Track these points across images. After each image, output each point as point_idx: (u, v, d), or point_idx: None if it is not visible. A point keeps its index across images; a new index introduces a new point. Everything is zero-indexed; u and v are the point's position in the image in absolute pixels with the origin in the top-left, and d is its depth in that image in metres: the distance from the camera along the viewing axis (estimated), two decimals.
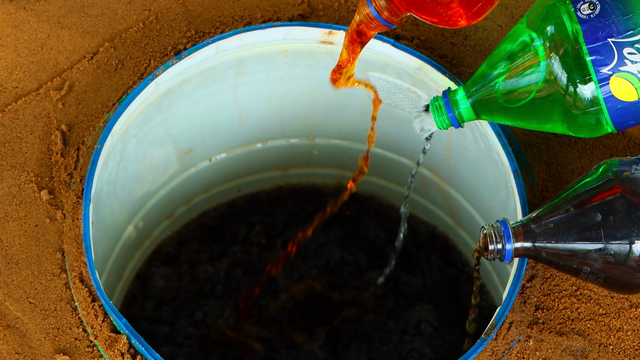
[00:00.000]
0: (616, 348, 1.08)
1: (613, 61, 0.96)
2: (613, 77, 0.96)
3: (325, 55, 1.26)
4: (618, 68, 0.96)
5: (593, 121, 0.98)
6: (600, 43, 0.96)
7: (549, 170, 1.16)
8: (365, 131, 1.40)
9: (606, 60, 0.96)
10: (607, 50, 0.96)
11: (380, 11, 1.02)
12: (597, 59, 0.96)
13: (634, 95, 0.97)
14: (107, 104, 1.19)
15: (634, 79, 0.96)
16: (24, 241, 1.12)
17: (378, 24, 1.03)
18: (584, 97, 0.97)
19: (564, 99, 0.98)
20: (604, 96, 0.97)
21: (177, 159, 1.40)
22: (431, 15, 0.99)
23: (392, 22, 1.02)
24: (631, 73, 0.96)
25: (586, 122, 0.99)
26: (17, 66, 1.21)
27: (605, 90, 0.97)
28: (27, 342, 1.08)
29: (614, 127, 0.99)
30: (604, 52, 0.96)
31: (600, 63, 0.96)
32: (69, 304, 1.10)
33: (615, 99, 0.97)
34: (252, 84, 1.32)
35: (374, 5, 1.02)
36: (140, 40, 1.23)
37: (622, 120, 0.98)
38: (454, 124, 1.06)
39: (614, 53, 0.96)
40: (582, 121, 0.99)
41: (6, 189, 1.15)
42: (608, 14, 0.96)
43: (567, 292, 1.10)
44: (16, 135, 1.17)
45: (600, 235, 0.98)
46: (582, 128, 0.99)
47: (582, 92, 0.97)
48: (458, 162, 1.37)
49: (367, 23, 1.03)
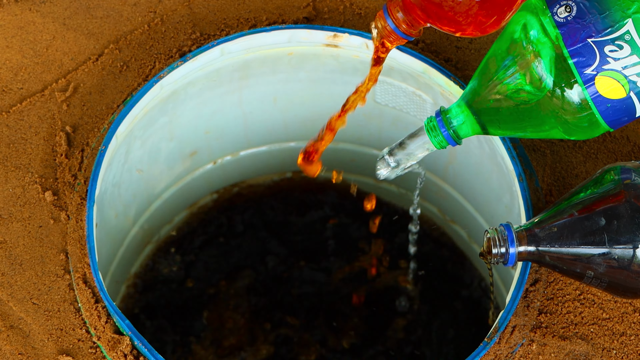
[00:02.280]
0: (619, 352, 1.07)
1: (595, 61, 0.96)
2: (598, 76, 0.96)
3: (330, 58, 1.26)
4: (602, 67, 0.96)
5: (585, 123, 0.98)
6: (581, 44, 0.96)
7: (553, 174, 1.16)
8: (370, 134, 1.40)
9: (589, 61, 0.96)
10: (589, 50, 0.96)
11: (398, 24, 1.01)
12: (579, 61, 0.96)
13: (622, 92, 0.96)
14: (112, 105, 1.20)
15: (619, 76, 0.96)
16: (27, 242, 1.12)
17: (396, 37, 1.02)
18: (572, 100, 0.97)
19: (553, 104, 0.98)
20: (592, 97, 0.96)
21: (181, 161, 1.40)
22: (450, 25, 0.98)
23: (411, 35, 1.02)
24: (615, 70, 0.96)
25: (579, 124, 0.98)
26: (22, 67, 1.21)
27: (592, 90, 0.96)
28: (30, 343, 1.08)
29: (607, 126, 0.99)
30: (586, 53, 0.96)
31: (583, 64, 0.96)
32: (72, 305, 1.10)
33: (604, 98, 0.96)
34: (257, 86, 1.32)
35: (391, 19, 1.01)
36: (146, 42, 1.23)
37: (615, 118, 0.98)
38: (450, 142, 1.05)
39: (596, 53, 0.96)
40: (575, 123, 0.98)
41: (10, 189, 1.15)
42: (585, 15, 0.96)
43: (570, 296, 1.10)
44: (21, 136, 1.17)
45: (604, 239, 0.98)
46: (577, 130, 0.99)
47: (570, 95, 0.97)
48: (462, 165, 1.36)
49: (385, 37, 1.03)
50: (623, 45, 0.96)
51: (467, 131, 1.04)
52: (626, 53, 0.96)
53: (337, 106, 1.37)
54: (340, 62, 1.27)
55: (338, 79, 1.31)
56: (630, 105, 0.97)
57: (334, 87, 1.34)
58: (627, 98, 0.97)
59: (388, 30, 1.01)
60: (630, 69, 0.96)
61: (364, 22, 1.25)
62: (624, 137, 1.17)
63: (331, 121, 1.14)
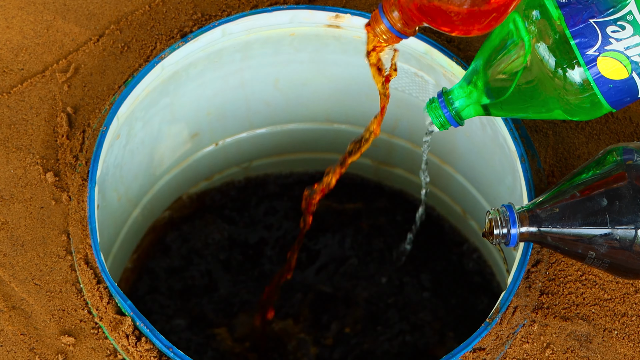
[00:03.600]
0: (620, 333, 1.07)
1: (598, 42, 0.96)
2: (600, 57, 0.96)
3: (331, 39, 1.26)
4: (604, 48, 0.96)
5: (587, 103, 0.98)
6: (583, 25, 0.96)
7: (555, 155, 1.16)
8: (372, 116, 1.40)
9: (591, 42, 0.96)
10: (591, 31, 0.96)
11: (394, 24, 1.01)
12: (581, 42, 0.96)
13: (624, 73, 0.96)
14: (113, 86, 1.19)
15: (621, 56, 0.96)
16: (29, 223, 1.12)
17: (392, 36, 1.02)
18: (574, 81, 0.97)
19: (555, 85, 0.98)
20: (594, 77, 0.96)
21: (183, 143, 1.40)
22: (445, 25, 0.98)
23: (406, 34, 1.01)
24: (618, 51, 0.96)
25: (581, 105, 0.98)
26: (23, 48, 1.21)
27: (594, 71, 0.96)
28: (32, 324, 1.08)
29: (610, 106, 0.98)
30: (588, 33, 0.96)
31: (585, 45, 0.96)
32: (74, 286, 1.10)
33: (606, 79, 0.96)
34: (259, 67, 1.32)
35: (387, 18, 1.01)
36: (147, 22, 1.23)
37: (617, 99, 0.98)
38: (452, 123, 1.05)
39: (598, 33, 0.96)
40: (577, 104, 0.98)
41: (12, 171, 1.15)
42: None
43: (572, 277, 1.10)
44: (22, 117, 1.17)
45: (605, 220, 0.98)
46: (579, 111, 0.99)
47: (572, 76, 0.97)
48: (464, 147, 1.36)
49: (380, 36, 1.02)
50: (625, 25, 0.95)
51: (469, 112, 1.04)
52: (628, 34, 0.95)
53: (339, 87, 1.38)
54: (342, 42, 1.26)
55: (340, 60, 1.31)
56: (633, 86, 0.97)
57: (335, 68, 1.33)
58: (630, 79, 0.96)
59: (383, 29, 1.01)
60: (632, 50, 0.95)
61: (366, 3, 1.25)
62: (626, 118, 1.17)
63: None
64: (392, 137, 1.46)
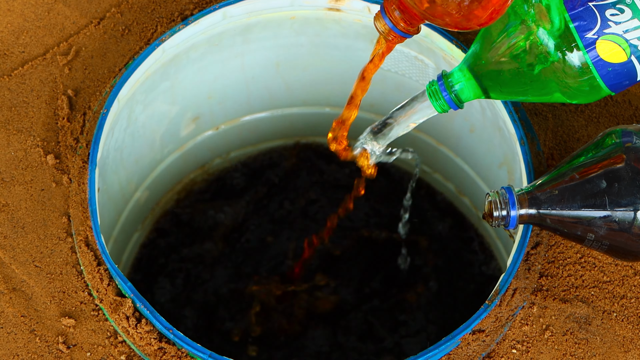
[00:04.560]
0: (619, 315, 1.08)
1: (597, 25, 0.96)
2: (599, 40, 0.96)
3: (332, 23, 1.26)
4: (602, 31, 0.96)
5: (586, 87, 0.98)
6: (582, 8, 0.96)
7: (555, 138, 1.16)
8: (372, 98, 1.40)
9: (590, 25, 0.96)
10: (589, 14, 0.96)
11: (396, 23, 1.01)
12: (580, 25, 0.96)
13: (623, 56, 0.96)
14: (114, 69, 1.20)
15: (620, 39, 0.96)
16: (30, 205, 1.13)
17: (395, 36, 1.02)
18: (573, 64, 0.97)
19: (554, 68, 0.98)
20: (593, 61, 0.96)
21: (184, 127, 1.40)
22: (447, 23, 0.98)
23: (409, 32, 1.02)
24: (616, 34, 0.96)
25: (580, 88, 0.98)
26: (24, 31, 1.21)
27: (593, 54, 0.96)
28: (32, 305, 1.09)
29: (608, 89, 0.98)
30: (587, 16, 0.96)
31: (584, 28, 0.96)
32: (74, 268, 1.10)
33: (605, 62, 0.96)
34: (260, 51, 1.32)
35: (389, 18, 1.01)
36: (147, 5, 1.23)
37: (616, 82, 0.98)
38: (452, 106, 1.05)
39: (597, 16, 0.96)
40: (576, 87, 0.98)
41: (12, 153, 1.15)
42: None
43: (571, 259, 1.10)
44: (22, 99, 1.18)
45: (604, 202, 0.98)
46: (578, 94, 0.99)
47: (571, 59, 0.97)
48: (464, 129, 1.36)
49: (385, 36, 1.03)
50: (624, 8, 0.95)
51: (468, 95, 1.05)
52: (627, 17, 0.95)
53: (340, 71, 1.38)
54: (343, 26, 1.26)
55: (341, 44, 1.31)
56: (632, 69, 0.97)
57: (336, 51, 1.33)
58: (628, 62, 0.96)
59: (386, 29, 1.01)
60: (631, 33, 0.96)
61: None
62: (625, 101, 1.17)
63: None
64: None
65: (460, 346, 1.05)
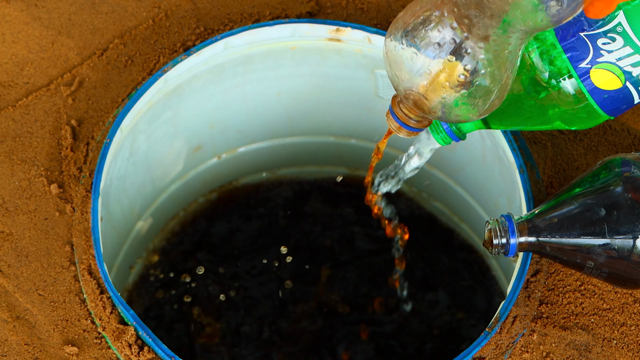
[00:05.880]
0: (620, 343, 1.08)
1: (589, 54, 0.96)
2: (593, 69, 0.97)
3: (332, 53, 1.27)
4: (595, 60, 0.96)
5: (584, 114, 0.99)
6: (573, 39, 0.97)
7: (554, 166, 1.17)
8: (373, 129, 1.41)
9: (582, 55, 0.96)
10: (581, 44, 0.96)
11: (405, 121, 1.03)
12: (573, 55, 0.97)
13: (618, 83, 0.97)
14: (117, 99, 1.21)
15: (613, 67, 0.96)
16: (33, 234, 1.14)
17: (408, 132, 1.05)
18: (569, 93, 0.98)
19: (551, 97, 0.99)
20: (588, 89, 0.97)
21: (186, 156, 1.41)
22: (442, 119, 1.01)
23: (421, 126, 1.04)
24: (610, 62, 0.96)
25: (578, 115, 0.99)
26: (28, 62, 1.22)
27: (588, 83, 0.97)
28: (36, 334, 1.09)
29: (606, 114, 0.99)
30: (579, 47, 0.96)
31: (577, 58, 0.97)
32: (77, 296, 1.11)
33: (600, 90, 0.97)
34: (261, 81, 1.33)
35: (398, 117, 1.03)
36: (150, 37, 1.24)
37: (613, 107, 0.99)
38: (453, 138, 1.06)
39: (589, 46, 0.96)
40: (574, 115, 0.99)
41: (16, 182, 1.16)
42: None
43: (571, 287, 1.10)
44: (27, 130, 1.19)
45: (604, 230, 0.98)
46: (577, 120, 1.00)
47: (566, 88, 0.98)
48: (464, 158, 1.37)
49: (397, 133, 1.05)
50: (615, 37, 0.96)
51: (469, 126, 1.06)
52: (619, 45, 0.96)
53: (341, 100, 1.39)
54: (343, 56, 1.28)
55: (341, 74, 1.32)
56: (628, 94, 0.98)
57: (337, 81, 1.34)
58: (624, 88, 0.97)
59: (398, 127, 1.04)
60: (624, 60, 0.96)
61: (367, 17, 1.26)
62: (624, 129, 1.18)
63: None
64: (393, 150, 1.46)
65: None
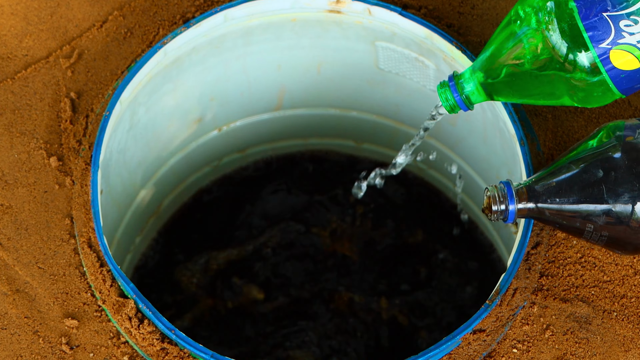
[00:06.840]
0: (620, 314, 1.08)
1: (610, 35, 0.96)
2: (612, 50, 0.97)
3: (332, 25, 1.26)
4: (616, 41, 0.96)
5: (598, 92, 0.99)
6: (596, 18, 0.97)
7: (555, 138, 1.16)
8: (374, 101, 1.41)
9: (604, 35, 0.97)
10: (604, 24, 0.96)
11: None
12: (594, 35, 0.97)
13: (636, 64, 0.97)
14: (116, 72, 1.20)
15: (633, 49, 0.97)
16: (33, 207, 1.13)
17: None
18: (586, 72, 0.98)
19: (567, 74, 0.98)
20: (606, 68, 0.97)
21: (186, 128, 1.41)
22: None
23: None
24: (630, 44, 0.96)
25: (592, 93, 0.99)
26: (27, 34, 1.22)
27: (606, 62, 0.97)
28: (36, 307, 1.09)
29: (620, 93, 0.99)
30: (601, 27, 0.96)
31: (597, 38, 0.97)
32: (77, 269, 1.11)
33: (618, 70, 0.97)
34: (261, 53, 1.33)
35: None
36: (149, 8, 1.24)
37: (628, 86, 0.99)
38: (462, 107, 1.07)
39: (611, 27, 0.96)
40: (588, 92, 0.99)
41: (16, 155, 1.16)
42: None
43: (571, 259, 1.10)
44: (26, 102, 1.18)
45: (602, 192, 0.99)
46: (589, 98, 1.00)
47: (584, 66, 0.98)
48: (465, 130, 1.37)
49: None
50: (638, 20, 0.96)
51: (480, 97, 1.05)
52: None
53: (341, 73, 1.38)
54: (344, 28, 1.27)
55: (342, 46, 1.32)
56: None
57: (337, 53, 1.34)
58: None
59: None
60: None
61: None
62: (625, 101, 1.18)
63: None
64: (395, 122, 1.46)
65: (461, 346, 1.06)
